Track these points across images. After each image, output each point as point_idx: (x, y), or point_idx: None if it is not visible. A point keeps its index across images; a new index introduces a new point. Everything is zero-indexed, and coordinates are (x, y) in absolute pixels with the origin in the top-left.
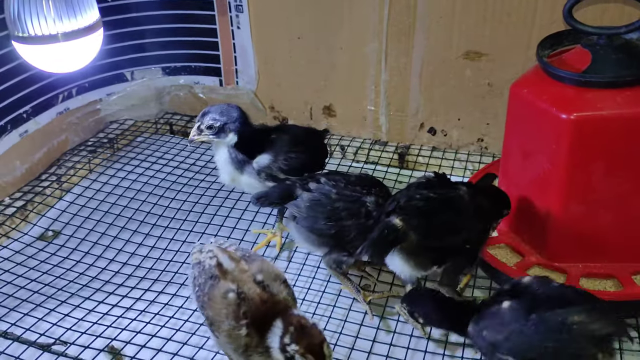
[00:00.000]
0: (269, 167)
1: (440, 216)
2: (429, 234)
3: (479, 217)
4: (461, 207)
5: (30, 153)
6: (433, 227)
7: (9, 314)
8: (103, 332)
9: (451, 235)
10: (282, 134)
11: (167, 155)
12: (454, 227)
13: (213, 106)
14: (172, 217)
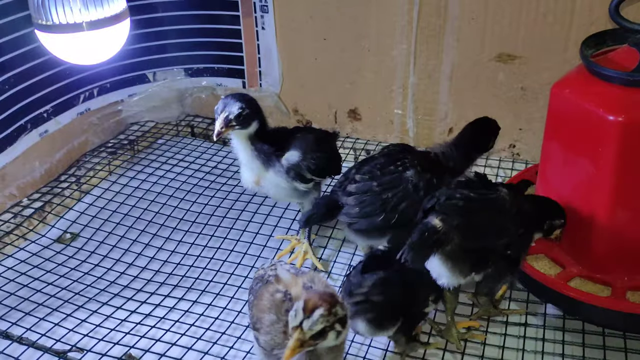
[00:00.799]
0: (299, 165)
1: (481, 216)
2: (470, 235)
3: (521, 221)
4: (503, 209)
5: (50, 153)
6: (474, 228)
7: (24, 318)
8: (121, 340)
9: (492, 237)
10: (306, 134)
11: (188, 158)
12: (496, 229)
13: (228, 96)
14: (193, 221)
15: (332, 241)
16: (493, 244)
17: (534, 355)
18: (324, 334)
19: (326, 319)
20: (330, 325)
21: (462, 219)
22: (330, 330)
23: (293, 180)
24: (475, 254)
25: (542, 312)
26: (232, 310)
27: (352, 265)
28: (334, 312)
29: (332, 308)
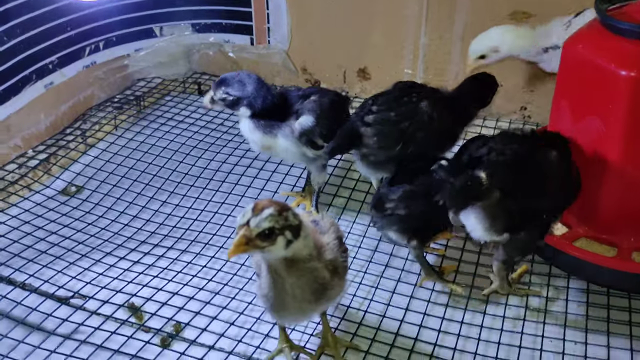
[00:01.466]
0: (312, 131)
1: (528, 177)
2: (514, 194)
3: (564, 185)
4: (550, 172)
5: (55, 106)
6: (519, 188)
7: (27, 266)
8: (123, 288)
9: (536, 199)
10: (321, 97)
11: (194, 115)
12: (540, 191)
13: (229, 75)
14: (197, 176)
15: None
16: (535, 207)
17: (537, 313)
18: (272, 235)
19: (275, 220)
20: (280, 228)
21: (510, 176)
22: (280, 234)
23: (304, 145)
24: (513, 214)
25: (546, 273)
26: (235, 264)
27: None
28: (285, 216)
29: (284, 212)
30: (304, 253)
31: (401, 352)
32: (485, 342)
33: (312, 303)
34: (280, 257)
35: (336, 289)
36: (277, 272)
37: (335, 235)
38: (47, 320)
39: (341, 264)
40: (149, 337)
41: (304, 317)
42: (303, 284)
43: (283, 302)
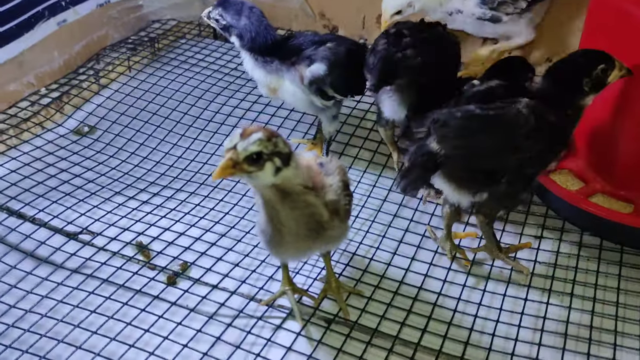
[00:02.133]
0: (322, 80)
1: (483, 138)
2: (471, 157)
3: (541, 135)
4: (514, 126)
5: (69, 44)
6: (475, 151)
7: (38, 201)
8: (131, 227)
9: (499, 159)
10: (337, 45)
11: (208, 59)
12: (502, 149)
13: (233, 1)
14: (209, 120)
15: (345, 157)
16: (501, 164)
17: (546, 268)
18: (260, 160)
19: (264, 145)
20: (269, 154)
21: (460, 140)
22: (268, 160)
23: (313, 94)
24: (482, 173)
25: (560, 227)
26: (243, 208)
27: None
28: (274, 142)
29: (273, 137)
30: (295, 182)
31: (404, 300)
32: (491, 293)
33: (309, 240)
34: (268, 184)
35: (336, 231)
36: (271, 203)
37: (340, 178)
38: (56, 254)
39: (343, 207)
40: (154, 274)
41: (303, 255)
42: (297, 217)
43: (279, 236)
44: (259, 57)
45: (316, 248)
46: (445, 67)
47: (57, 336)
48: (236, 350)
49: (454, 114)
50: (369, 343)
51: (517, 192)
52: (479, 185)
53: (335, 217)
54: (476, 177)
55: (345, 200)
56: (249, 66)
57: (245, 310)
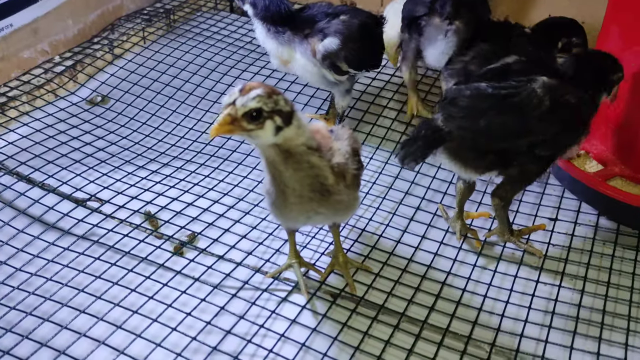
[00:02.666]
0: (336, 54)
1: (492, 118)
2: (477, 137)
3: (556, 117)
4: (527, 107)
5: (84, 13)
6: (482, 130)
7: (47, 167)
8: (139, 195)
9: (508, 139)
10: (351, 18)
11: (223, 32)
12: (512, 130)
13: None
14: (222, 92)
15: (358, 134)
16: (511, 145)
17: (560, 250)
18: (259, 117)
19: (263, 101)
20: (269, 112)
21: (467, 120)
22: (268, 118)
23: (326, 69)
24: (490, 154)
25: (576, 209)
26: (253, 181)
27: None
28: (275, 99)
29: (274, 95)
30: (298, 142)
31: (412, 278)
32: (502, 274)
33: (313, 202)
34: (269, 143)
35: (343, 197)
36: (274, 164)
37: (349, 143)
38: (63, 220)
39: (351, 172)
40: (160, 243)
41: (307, 219)
42: (301, 178)
43: (283, 197)
44: (272, 26)
45: (322, 214)
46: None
47: (62, 300)
48: (240, 320)
49: (463, 91)
50: (374, 319)
51: (532, 175)
52: (486, 166)
53: (341, 181)
54: (484, 158)
55: (353, 166)
56: (261, 36)
57: (250, 282)
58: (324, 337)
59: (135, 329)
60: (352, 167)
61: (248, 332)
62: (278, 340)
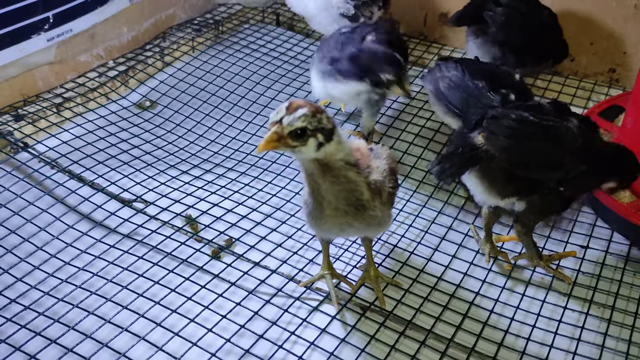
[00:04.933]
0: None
1: (533, 143)
2: (515, 161)
3: (586, 157)
4: (564, 141)
5: (138, 21)
6: (521, 154)
7: (97, 167)
8: (182, 199)
9: (542, 168)
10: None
11: (269, 45)
12: (548, 160)
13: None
14: (265, 105)
15: (400, 143)
16: (542, 176)
17: (589, 278)
18: (304, 135)
19: (308, 120)
20: (313, 130)
21: (510, 141)
22: (311, 136)
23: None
24: (518, 180)
25: (607, 238)
26: (290, 192)
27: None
28: (318, 118)
29: (317, 114)
30: (337, 157)
31: (441, 296)
32: (530, 298)
33: (348, 216)
34: (311, 158)
35: (377, 212)
36: (313, 177)
37: (387, 162)
38: (110, 219)
39: (387, 190)
40: (200, 246)
41: (342, 231)
42: (337, 192)
43: (320, 208)
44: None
45: (355, 227)
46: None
47: (106, 295)
48: (272, 326)
49: (509, 114)
50: (402, 334)
51: (552, 209)
52: (512, 191)
53: (377, 198)
54: (512, 182)
55: (390, 184)
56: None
57: (284, 290)
58: (352, 348)
59: (173, 327)
60: (388, 186)
61: (279, 337)
62: (307, 348)
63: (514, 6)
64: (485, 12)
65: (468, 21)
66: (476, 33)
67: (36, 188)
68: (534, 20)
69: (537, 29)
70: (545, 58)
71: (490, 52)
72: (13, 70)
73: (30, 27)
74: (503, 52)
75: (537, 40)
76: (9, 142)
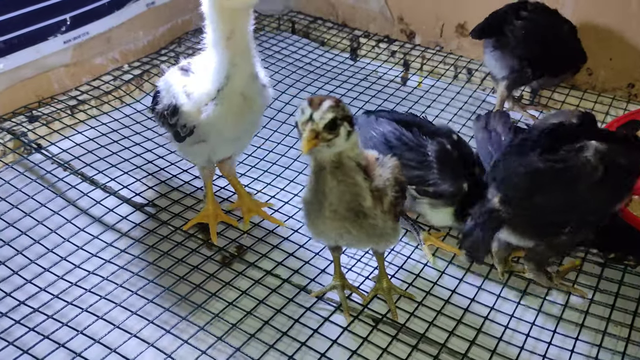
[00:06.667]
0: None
1: (548, 195)
2: (534, 215)
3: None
4: (580, 179)
5: (154, 26)
6: (538, 208)
7: (110, 170)
8: (194, 205)
9: (563, 214)
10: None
11: (284, 52)
12: (567, 205)
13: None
14: (279, 110)
15: None
16: (564, 219)
17: (607, 296)
18: (335, 126)
19: (335, 110)
20: (341, 118)
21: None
22: (341, 125)
23: None
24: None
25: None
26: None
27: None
28: (342, 106)
29: (339, 103)
30: (352, 154)
31: (455, 310)
32: (546, 314)
33: (346, 221)
34: (341, 149)
35: (378, 222)
36: (323, 172)
37: (392, 172)
38: (121, 222)
39: (389, 199)
40: (211, 253)
41: (340, 238)
42: (341, 192)
43: (319, 208)
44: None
45: (355, 236)
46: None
47: (115, 299)
48: (283, 336)
49: (517, 169)
50: (415, 347)
51: (575, 241)
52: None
53: (379, 205)
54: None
55: (393, 193)
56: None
57: (294, 299)
58: None
59: (182, 333)
60: (390, 194)
61: (289, 347)
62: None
63: (534, 19)
64: (506, 25)
65: (490, 33)
66: (494, 45)
67: (48, 190)
68: (554, 35)
69: (556, 43)
70: (563, 71)
71: (508, 64)
72: (28, 72)
73: (48, 29)
74: (521, 65)
75: (556, 54)
76: (23, 143)
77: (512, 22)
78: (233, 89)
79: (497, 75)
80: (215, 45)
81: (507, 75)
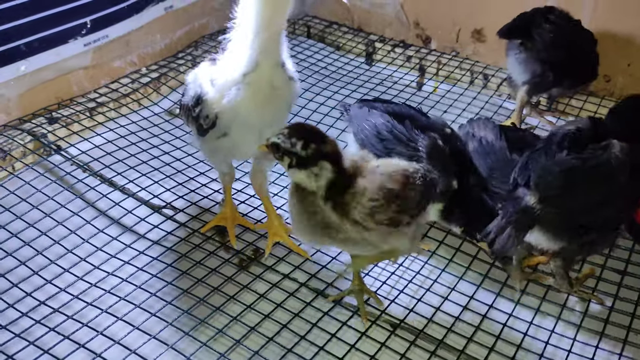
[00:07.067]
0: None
1: (583, 193)
2: (570, 213)
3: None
4: (612, 174)
5: (172, 29)
6: (574, 205)
7: (128, 172)
8: (211, 207)
9: (600, 209)
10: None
11: (299, 56)
12: (601, 200)
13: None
14: (295, 114)
15: None
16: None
17: (627, 304)
18: (278, 150)
19: (282, 140)
20: (284, 150)
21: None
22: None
23: None
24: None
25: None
26: None
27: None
28: (293, 142)
29: (293, 138)
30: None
31: (473, 316)
32: (565, 322)
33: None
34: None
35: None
36: (291, 187)
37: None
38: (140, 224)
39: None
40: (229, 256)
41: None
42: (301, 210)
43: (292, 216)
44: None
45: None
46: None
47: (134, 301)
48: (301, 340)
49: (552, 168)
50: (433, 353)
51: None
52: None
53: (346, 220)
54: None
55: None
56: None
57: (312, 303)
58: None
59: (199, 336)
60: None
61: (307, 351)
62: None
63: (561, 25)
64: (534, 28)
65: (517, 35)
66: (519, 48)
67: (68, 191)
68: (578, 42)
69: (580, 51)
70: (581, 81)
71: (531, 68)
72: (49, 74)
73: (68, 32)
74: (543, 70)
75: (578, 62)
76: (43, 144)
77: (541, 25)
78: (261, 75)
79: (518, 80)
80: (249, 31)
81: (528, 80)
